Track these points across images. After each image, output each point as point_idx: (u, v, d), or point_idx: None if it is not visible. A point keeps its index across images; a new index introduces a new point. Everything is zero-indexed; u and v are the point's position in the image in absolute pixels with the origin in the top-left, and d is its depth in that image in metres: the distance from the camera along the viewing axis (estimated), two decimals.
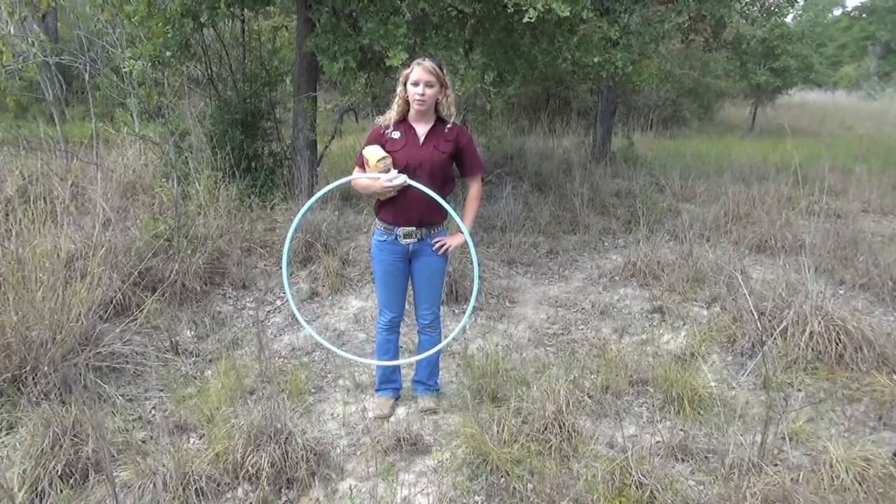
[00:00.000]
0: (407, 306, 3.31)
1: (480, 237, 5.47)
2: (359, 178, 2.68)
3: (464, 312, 4.07)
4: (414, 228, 2.71)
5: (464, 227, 2.64)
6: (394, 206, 2.70)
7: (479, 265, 2.58)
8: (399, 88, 2.67)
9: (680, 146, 10.57)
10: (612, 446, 2.75)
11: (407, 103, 2.67)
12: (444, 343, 2.89)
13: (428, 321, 2.95)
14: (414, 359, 3.12)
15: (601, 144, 8.84)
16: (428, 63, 2.58)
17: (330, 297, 4.38)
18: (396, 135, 2.69)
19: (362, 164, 2.71)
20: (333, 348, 2.87)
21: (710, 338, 3.73)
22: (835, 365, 3.34)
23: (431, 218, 2.72)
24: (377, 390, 3.10)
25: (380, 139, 2.69)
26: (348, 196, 5.87)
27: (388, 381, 3.09)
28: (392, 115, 2.70)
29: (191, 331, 3.87)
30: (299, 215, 2.64)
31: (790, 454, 2.58)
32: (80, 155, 5.56)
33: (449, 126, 2.72)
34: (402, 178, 2.56)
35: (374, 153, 2.61)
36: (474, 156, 2.80)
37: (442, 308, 3.86)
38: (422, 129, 2.70)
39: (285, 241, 2.60)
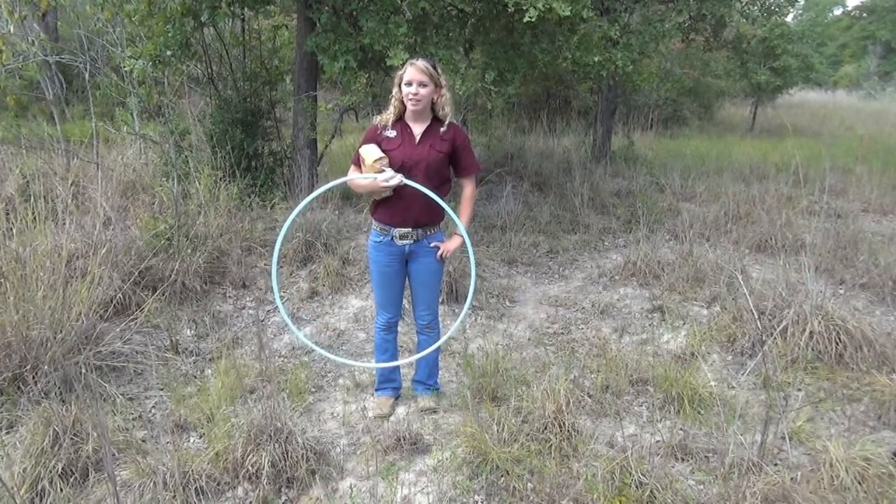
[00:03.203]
0: (406, 305, 3.32)
1: (480, 237, 5.47)
2: (355, 179, 2.66)
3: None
4: (410, 230, 2.70)
5: (461, 226, 2.63)
6: (390, 207, 2.68)
7: (475, 266, 2.57)
8: (394, 90, 2.66)
9: (680, 146, 10.57)
10: (611, 446, 2.75)
11: (402, 104, 2.66)
12: (440, 342, 2.87)
13: (426, 322, 2.94)
14: (411, 359, 3.12)
15: (601, 144, 8.84)
16: (421, 63, 2.57)
17: (330, 297, 4.39)
18: (392, 134, 2.67)
19: (358, 163, 2.69)
20: (328, 354, 2.82)
21: (710, 337, 3.73)
22: (835, 364, 3.34)
23: (428, 219, 2.71)
24: (377, 390, 3.11)
25: (376, 138, 2.68)
26: (348, 195, 5.87)
27: (388, 380, 3.09)
28: (388, 116, 2.69)
29: (191, 330, 3.88)
30: (291, 216, 2.56)
31: (790, 454, 2.58)
32: (81, 154, 5.57)
33: (445, 126, 2.70)
34: (399, 178, 2.53)
35: (370, 153, 2.59)
36: (470, 155, 2.78)
37: (441, 308, 3.87)
38: (418, 129, 2.69)
39: (275, 246, 2.52)
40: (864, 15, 35.67)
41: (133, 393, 3.18)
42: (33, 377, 2.87)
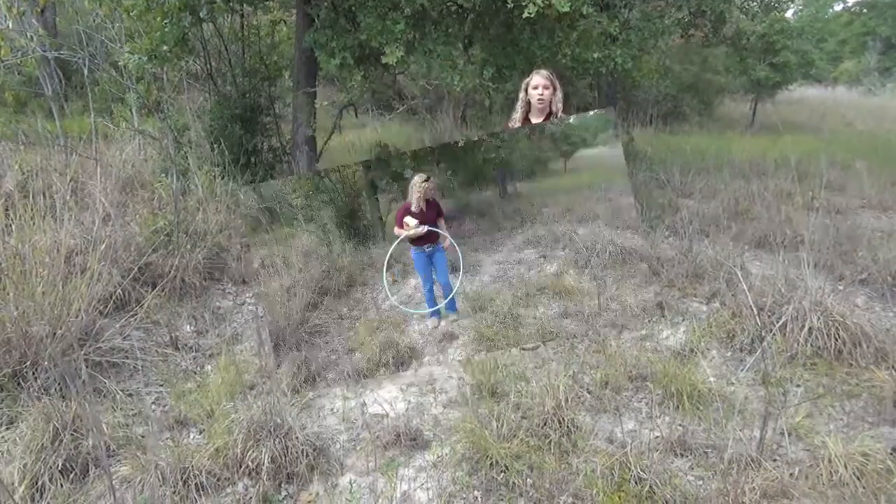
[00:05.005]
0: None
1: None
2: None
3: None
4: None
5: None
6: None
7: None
8: (522, 94, 3.69)
9: (679, 142, 10.54)
10: (611, 441, 2.76)
11: (529, 105, 3.67)
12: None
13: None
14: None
15: None
16: (544, 72, 3.60)
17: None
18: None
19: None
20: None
21: (710, 333, 3.73)
22: (834, 360, 3.34)
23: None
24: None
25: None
26: None
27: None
28: (517, 115, 3.74)
29: (190, 326, 3.88)
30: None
31: (789, 449, 2.59)
32: (80, 150, 5.55)
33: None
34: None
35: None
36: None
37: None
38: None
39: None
40: (865, 11, 35.59)
41: (133, 389, 3.18)
42: (33, 373, 2.88)
